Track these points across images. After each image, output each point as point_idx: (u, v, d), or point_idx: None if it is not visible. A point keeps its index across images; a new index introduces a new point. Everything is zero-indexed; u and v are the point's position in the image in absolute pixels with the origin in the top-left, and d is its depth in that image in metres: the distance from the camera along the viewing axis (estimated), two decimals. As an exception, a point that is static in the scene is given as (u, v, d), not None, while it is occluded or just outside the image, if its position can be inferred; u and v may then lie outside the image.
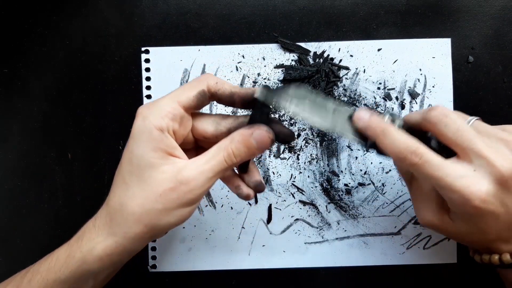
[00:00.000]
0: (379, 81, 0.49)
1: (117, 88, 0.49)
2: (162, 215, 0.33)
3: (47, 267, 0.35)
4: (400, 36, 0.49)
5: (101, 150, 0.49)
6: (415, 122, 0.36)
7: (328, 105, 0.36)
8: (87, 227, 0.36)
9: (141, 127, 0.33)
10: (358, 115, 0.35)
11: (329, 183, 0.49)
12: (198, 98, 0.34)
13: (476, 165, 0.32)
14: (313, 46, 0.49)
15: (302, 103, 0.35)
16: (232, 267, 0.49)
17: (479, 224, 0.33)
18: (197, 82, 0.35)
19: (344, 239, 0.49)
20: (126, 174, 0.34)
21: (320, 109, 0.35)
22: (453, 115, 0.34)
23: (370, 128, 0.35)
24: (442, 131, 0.33)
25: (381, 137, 0.34)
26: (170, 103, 0.34)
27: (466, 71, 0.49)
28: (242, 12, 0.49)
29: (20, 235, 0.49)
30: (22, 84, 0.49)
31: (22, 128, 0.49)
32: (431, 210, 0.36)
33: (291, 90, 0.35)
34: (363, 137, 0.36)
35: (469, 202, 0.31)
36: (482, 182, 0.32)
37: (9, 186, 0.49)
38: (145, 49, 0.49)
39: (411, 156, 0.33)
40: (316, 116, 0.35)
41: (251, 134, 0.34)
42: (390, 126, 0.34)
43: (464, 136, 0.33)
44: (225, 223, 0.49)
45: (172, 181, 0.33)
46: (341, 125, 0.36)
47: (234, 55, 0.49)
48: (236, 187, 0.38)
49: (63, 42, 0.49)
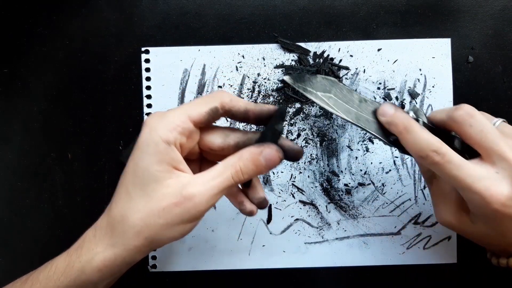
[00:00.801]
0: (379, 81, 0.49)
1: (117, 88, 0.49)
2: (163, 230, 0.33)
3: (47, 276, 0.35)
4: (400, 36, 0.49)
5: (101, 150, 0.49)
6: (439, 120, 0.35)
7: (354, 97, 0.35)
8: (87, 236, 0.35)
9: (148, 139, 0.33)
10: (383, 110, 0.35)
11: (329, 183, 0.49)
12: (210, 114, 0.34)
13: (499, 168, 0.32)
14: (313, 46, 0.49)
15: (327, 93, 0.35)
16: (232, 267, 0.49)
17: (499, 227, 0.33)
18: (210, 98, 0.34)
19: (344, 239, 0.49)
20: (129, 185, 0.33)
21: (345, 101, 0.35)
22: (479, 116, 0.33)
23: (394, 124, 0.34)
24: (467, 131, 0.33)
25: (404, 133, 0.34)
26: (180, 117, 0.33)
27: (466, 71, 0.49)
28: (242, 12, 0.49)
29: (20, 235, 0.49)
30: (22, 84, 0.49)
31: (22, 128, 0.49)
32: (450, 210, 0.35)
33: (318, 79, 0.34)
34: (386, 132, 0.35)
35: (489, 205, 0.31)
36: (503, 185, 0.31)
37: (9, 186, 0.49)
38: (145, 49, 0.49)
39: (433, 155, 0.32)
40: (340, 108, 0.35)
41: (261, 152, 0.33)
42: (414, 123, 0.34)
43: (488, 137, 0.32)
44: (225, 223, 0.49)
45: (176, 196, 0.32)
46: (364, 119, 0.35)
47: (234, 55, 0.49)
48: (239, 203, 0.38)
49: (63, 42, 0.49)
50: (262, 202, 0.38)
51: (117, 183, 0.49)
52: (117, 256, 0.34)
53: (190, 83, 0.49)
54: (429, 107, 0.49)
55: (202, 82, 0.49)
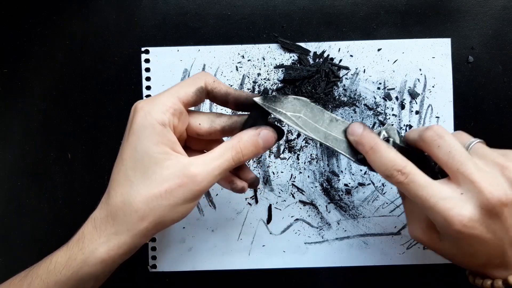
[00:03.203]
0: (379, 81, 0.49)
1: (117, 88, 0.49)
2: (167, 211, 0.33)
3: (47, 270, 0.35)
4: (400, 36, 0.49)
5: (101, 150, 0.49)
6: (412, 140, 0.36)
7: (325, 117, 0.36)
8: (86, 228, 0.35)
9: (143, 122, 0.33)
10: (351, 129, 0.36)
11: (329, 183, 0.49)
12: (197, 95, 0.35)
13: (464, 189, 0.32)
14: (313, 46, 0.49)
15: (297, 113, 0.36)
16: (232, 267, 0.49)
17: (465, 247, 0.33)
18: (195, 78, 0.36)
19: (344, 239, 0.49)
20: (129, 171, 0.34)
21: (315, 120, 0.36)
22: (448, 136, 0.33)
23: (361, 143, 0.35)
24: (435, 151, 0.33)
25: (369, 153, 0.34)
26: (170, 99, 0.34)
27: (466, 71, 0.49)
28: (242, 12, 0.49)
29: (20, 235, 0.49)
30: (22, 84, 0.49)
31: (22, 128, 0.49)
32: (421, 228, 0.36)
33: (289, 99, 0.35)
34: (354, 151, 0.36)
35: (451, 226, 0.31)
36: (466, 206, 0.31)
37: (9, 186, 0.49)
38: (145, 49, 0.49)
39: (397, 175, 0.33)
40: (309, 127, 0.36)
41: (259, 134, 0.35)
42: (380, 143, 0.34)
43: (455, 158, 0.32)
44: (225, 223, 0.49)
45: (179, 176, 0.33)
46: (333, 137, 0.36)
47: (234, 55, 0.49)
48: (230, 182, 0.39)
49: (63, 42, 0.49)
50: (254, 181, 0.40)
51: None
52: (121, 244, 0.34)
53: (190, 83, 0.49)
54: (429, 107, 0.49)
55: (202, 82, 0.49)
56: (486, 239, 0.32)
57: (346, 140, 0.36)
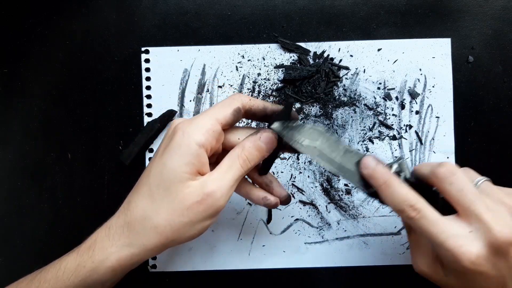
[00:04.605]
0: (379, 81, 0.49)
1: (117, 88, 0.49)
2: (186, 228, 0.35)
3: (55, 276, 0.35)
4: (400, 36, 0.49)
5: (101, 150, 0.49)
6: (423, 175, 0.37)
7: (340, 147, 0.37)
8: (98, 236, 0.36)
9: (181, 141, 0.35)
10: (365, 162, 0.36)
11: (329, 183, 0.49)
12: (234, 115, 0.37)
13: (473, 227, 0.33)
14: (313, 46, 0.49)
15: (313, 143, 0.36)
16: (232, 267, 0.49)
17: (469, 282, 0.34)
18: (232, 100, 0.37)
19: (344, 239, 0.49)
20: (153, 187, 0.35)
21: (330, 150, 0.37)
22: (460, 174, 0.34)
23: (374, 178, 0.36)
24: (447, 188, 0.34)
25: (382, 187, 0.35)
26: (209, 121, 0.35)
27: (466, 71, 0.49)
28: (242, 12, 0.49)
29: (20, 235, 0.49)
30: (22, 84, 0.49)
31: (22, 128, 0.49)
32: (426, 262, 0.37)
33: (305, 129, 0.36)
34: (366, 184, 0.37)
35: (460, 262, 0.32)
36: (475, 244, 0.32)
37: (9, 186, 0.49)
38: (145, 49, 0.49)
39: (409, 210, 0.34)
40: (324, 158, 0.36)
41: (259, 138, 0.36)
42: (393, 178, 0.35)
43: (467, 196, 0.33)
44: (225, 223, 0.49)
45: (199, 194, 0.34)
46: (347, 169, 0.37)
47: (234, 55, 0.49)
48: (263, 199, 0.40)
49: (63, 42, 0.49)
50: (286, 198, 0.41)
51: (117, 183, 0.49)
52: (133, 256, 0.35)
53: (190, 83, 0.49)
54: (429, 107, 0.49)
55: (202, 82, 0.49)
56: (491, 275, 0.33)
57: (359, 172, 0.37)
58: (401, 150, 0.49)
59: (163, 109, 0.49)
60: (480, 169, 0.48)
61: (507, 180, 0.48)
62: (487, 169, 0.48)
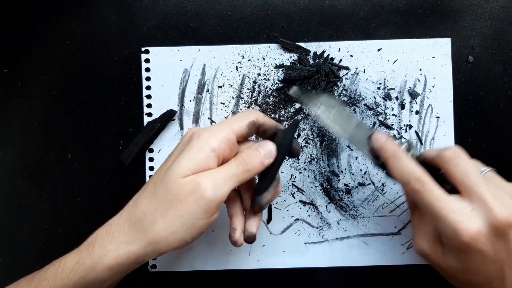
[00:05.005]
0: (379, 81, 0.49)
1: (117, 88, 0.49)
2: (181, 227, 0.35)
3: (55, 273, 0.35)
4: (400, 36, 0.49)
5: (101, 150, 0.49)
6: (429, 158, 0.38)
7: (353, 119, 0.39)
8: (99, 233, 0.36)
9: (195, 144, 0.36)
10: (376, 135, 0.38)
11: (329, 183, 0.49)
12: (249, 128, 0.38)
13: (475, 206, 0.34)
14: (313, 46, 0.49)
15: (329, 110, 0.38)
16: (232, 267, 0.49)
17: (467, 262, 0.34)
18: (247, 114, 0.39)
19: (344, 239, 0.49)
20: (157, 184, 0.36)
21: (344, 120, 0.38)
22: (465, 158, 0.36)
23: (383, 149, 0.37)
24: (451, 169, 0.35)
25: (391, 159, 0.37)
26: (225, 130, 0.37)
27: (466, 71, 0.49)
28: (242, 12, 0.49)
29: (20, 235, 0.49)
30: (22, 84, 0.49)
31: (22, 128, 0.49)
32: (427, 239, 0.37)
33: (322, 97, 0.38)
34: (376, 155, 0.38)
35: (459, 237, 0.33)
36: (476, 221, 0.33)
37: (9, 186, 0.49)
38: (145, 49, 0.49)
39: (414, 182, 0.35)
40: (338, 125, 0.38)
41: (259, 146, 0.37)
42: (401, 152, 0.37)
43: (470, 178, 0.34)
44: (225, 223, 0.49)
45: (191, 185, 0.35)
46: (358, 139, 0.39)
47: (234, 55, 0.49)
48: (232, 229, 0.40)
49: (63, 42, 0.49)
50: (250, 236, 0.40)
51: (116, 183, 0.50)
52: (130, 254, 0.34)
53: (190, 83, 0.49)
54: (429, 107, 0.49)
55: (202, 82, 0.49)
56: (489, 256, 0.33)
57: (369, 146, 0.39)
58: (401, 150, 0.49)
59: (163, 109, 0.49)
60: (480, 169, 0.48)
61: (507, 180, 0.48)
62: (487, 169, 0.48)
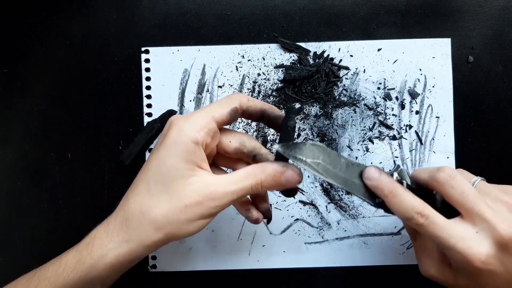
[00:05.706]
0: (379, 81, 0.49)
1: (117, 88, 0.49)
2: (183, 225, 0.35)
3: (55, 273, 0.36)
4: (400, 36, 0.49)
5: (101, 150, 0.49)
6: (422, 180, 0.37)
7: (341, 161, 0.37)
8: (97, 232, 0.36)
9: (176, 138, 0.35)
10: (368, 174, 0.37)
11: (329, 183, 0.49)
12: (231, 115, 0.36)
13: (479, 227, 0.34)
14: (313, 46, 0.49)
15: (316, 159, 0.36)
16: (232, 267, 0.49)
17: (479, 281, 0.35)
18: (230, 99, 0.37)
19: (344, 239, 0.49)
20: (151, 182, 0.35)
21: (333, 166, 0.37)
22: (459, 177, 0.35)
23: (379, 188, 0.36)
24: (448, 192, 0.35)
25: (389, 197, 0.36)
26: (205, 118, 0.35)
27: (466, 71, 0.49)
28: (242, 12, 0.49)
29: (20, 235, 0.49)
30: (22, 84, 0.49)
31: (22, 128, 0.49)
32: (433, 265, 0.37)
33: (307, 146, 0.36)
34: (372, 194, 0.37)
35: (471, 263, 0.33)
36: (483, 244, 0.33)
37: (9, 186, 0.49)
38: (145, 49, 0.49)
39: (417, 217, 0.34)
40: (329, 173, 0.36)
41: (283, 172, 0.35)
42: (398, 187, 0.36)
43: (469, 198, 0.34)
44: (225, 223, 0.49)
45: (200, 195, 0.34)
46: (352, 182, 0.37)
47: (234, 55, 0.49)
48: (246, 210, 0.40)
49: (63, 42, 0.49)
50: (267, 211, 0.41)
51: (116, 183, 0.49)
52: (132, 252, 0.35)
53: (190, 83, 0.49)
54: (429, 107, 0.49)
55: (202, 82, 0.49)
56: (499, 272, 0.34)
57: (363, 184, 0.37)
58: (401, 150, 0.49)
59: (163, 109, 0.49)
60: (480, 169, 0.48)
61: (507, 180, 0.48)
62: (487, 169, 0.48)
